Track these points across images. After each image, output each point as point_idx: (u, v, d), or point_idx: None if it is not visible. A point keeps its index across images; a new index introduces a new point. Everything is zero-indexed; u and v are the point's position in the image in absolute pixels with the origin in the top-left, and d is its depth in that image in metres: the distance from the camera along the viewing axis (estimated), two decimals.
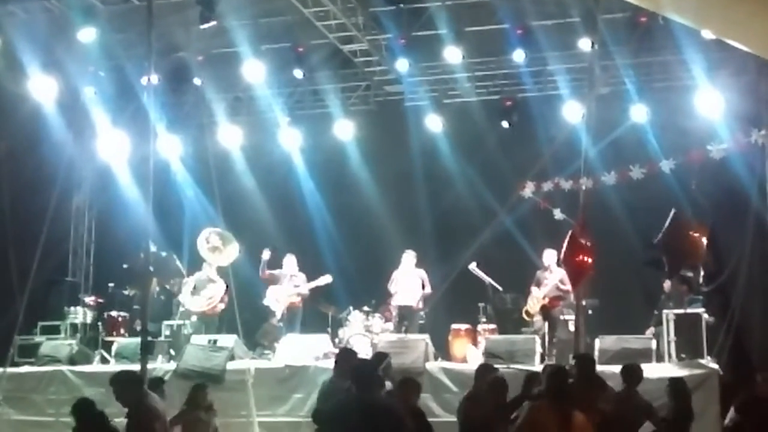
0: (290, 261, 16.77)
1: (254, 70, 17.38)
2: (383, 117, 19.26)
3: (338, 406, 8.09)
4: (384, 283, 16.52)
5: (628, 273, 16.42)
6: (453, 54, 16.78)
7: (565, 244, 11.92)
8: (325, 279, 16.65)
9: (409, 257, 16.30)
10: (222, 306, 16.36)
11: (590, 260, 11.53)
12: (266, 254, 16.65)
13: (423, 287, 16.23)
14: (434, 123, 18.55)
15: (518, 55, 16.62)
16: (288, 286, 16.57)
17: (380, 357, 10.88)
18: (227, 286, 16.34)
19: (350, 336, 15.75)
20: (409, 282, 16.23)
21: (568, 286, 15.23)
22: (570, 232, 12.03)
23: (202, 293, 16.28)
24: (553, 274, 15.61)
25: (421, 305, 16.31)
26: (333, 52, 17.95)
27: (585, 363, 9.32)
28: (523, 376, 10.49)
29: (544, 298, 15.69)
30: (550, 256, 15.66)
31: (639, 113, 17.01)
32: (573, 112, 17.07)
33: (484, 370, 10.58)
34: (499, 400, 9.47)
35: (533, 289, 15.83)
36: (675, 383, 10.70)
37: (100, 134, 18.98)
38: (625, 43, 16.18)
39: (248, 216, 18.59)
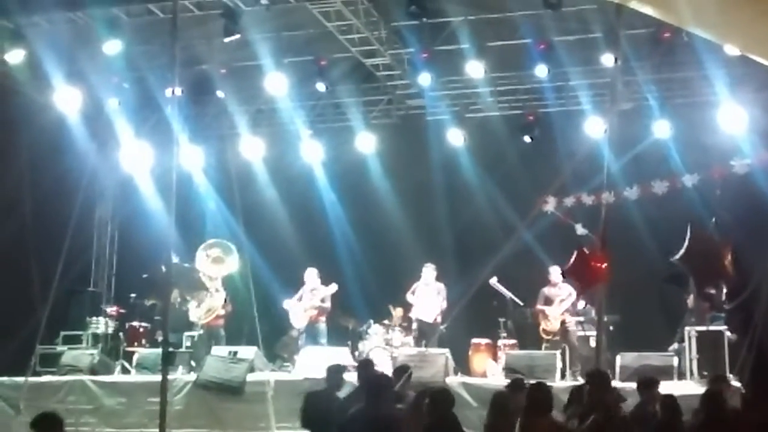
0: (311, 274, 16.72)
1: (277, 83, 17.43)
2: (405, 131, 19.28)
3: (349, 419, 8.14)
4: (404, 297, 16.52)
5: (650, 289, 16.36)
6: (475, 68, 16.79)
7: (572, 260, 11.98)
8: (330, 289, 16.60)
9: (429, 270, 16.28)
10: (223, 313, 16.41)
11: (604, 266, 11.53)
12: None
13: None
14: (456, 137, 18.54)
15: (540, 70, 16.63)
16: (306, 301, 16.55)
17: (401, 371, 10.90)
18: (226, 298, 16.38)
19: (370, 349, 15.74)
20: (428, 296, 16.21)
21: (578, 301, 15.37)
22: (576, 250, 12.10)
23: (202, 306, 16.35)
24: (562, 290, 15.60)
25: (439, 320, 16.27)
26: (355, 66, 18.00)
27: None
28: None
29: (563, 314, 15.65)
30: (556, 272, 15.69)
31: (661, 129, 16.97)
32: (595, 127, 17.03)
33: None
34: None
35: (544, 307, 15.78)
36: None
37: (124, 145, 19.08)
38: (647, 58, 16.14)
39: (269, 228, 18.63)
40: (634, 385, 11.60)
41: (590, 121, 17.35)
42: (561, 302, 15.67)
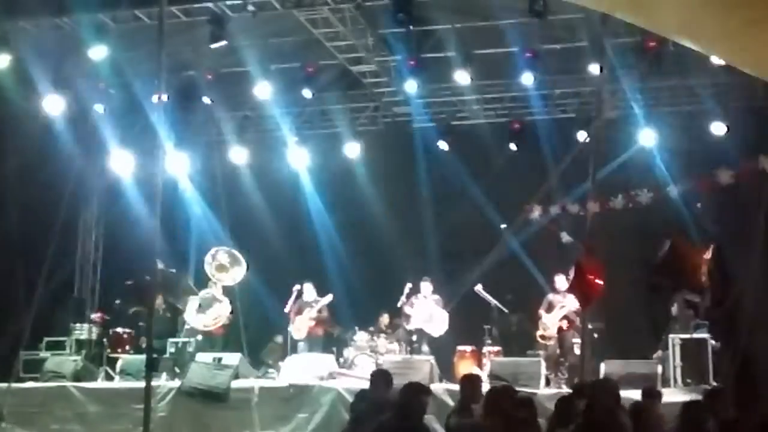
0: (309, 288, 16.79)
1: (263, 90, 17.43)
2: (391, 138, 19.29)
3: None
4: (387, 303, 16.55)
5: (634, 297, 16.39)
6: (461, 76, 16.80)
7: (572, 272, 11.94)
8: (325, 299, 16.65)
9: (426, 284, 16.31)
10: (227, 322, 16.39)
11: (600, 282, 11.54)
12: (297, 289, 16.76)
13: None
14: (442, 145, 18.58)
15: (527, 78, 16.65)
16: (306, 314, 16.59)
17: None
18: (232, 308, 16.35)
19: (355, 356, 15.75)
20: (428, 309, 16.23)
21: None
22: (576, 260, 12.06)
23: (208, 312, 16.27)
24: (567, 299, 15.59)
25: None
26: (342, 73, 18.00)
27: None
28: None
29: (561, 320, 15.65)
30: (562, 281, 15.66)
31: (647, 138, 17.03)
32: (581, 135, 17.08)
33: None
34: None
35: (543, 313, 15.78)
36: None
37: (109, 151, 19.02)
38: (633, 67, 16.20)
39: (255, 234, 18.58)
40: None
41: (576, 130, 17.39)
42: (561, 309, 15.68)
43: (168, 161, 16.92)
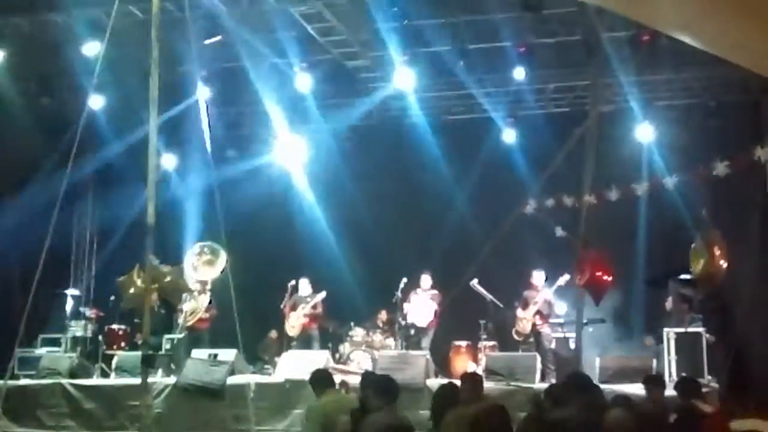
0: (304, 284, 16.81)
1: (258, 85, 17.39)
2: (386, 133, 19.27)
3: None
4: (383, 299, 16.55)
5: (629, 290, 16.41)
6: (456, 71, 16.78)
7: (580, 269, 11.97)
8: (319, 296, 16.66)
9: (424, 278, 16.39)
10: (207, 316, 16.35)
11: (608, 278, 11.58)
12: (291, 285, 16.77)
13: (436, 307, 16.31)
14: (437, 139, 18.55)
15: (520, 73, 16.64)
16: (300, 310, 16.61)
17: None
18: (210, 301, 16.33)
19: (351, 351, 15.75)
20: (421, 301, 16.26)
21: (556, 304, 15.37)
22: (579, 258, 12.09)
23: (185, 309, 16.30)
24: (540, 294, 15.61)
25: (432, 324, 16.34)
26: (337, 68, 17.97)
27: None
28: (524, 393, 10.46)
29: (534, 316, 15.66)
30: (539, 276, 15.69)
31: (643, 131, 17.02)
32: (576, 130, 17.06)
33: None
34: None
35: (519, 310, 15.78)
36: None
37: (103, 146, 18.97)
38: (628, 61, 16.19)
39: (249, 230, 18.54)
40: (614, 386, 11.68)
41: (571, 124, 17.37)
42: (534, 305, 15.70)
43: (162, 157, 16.95)
